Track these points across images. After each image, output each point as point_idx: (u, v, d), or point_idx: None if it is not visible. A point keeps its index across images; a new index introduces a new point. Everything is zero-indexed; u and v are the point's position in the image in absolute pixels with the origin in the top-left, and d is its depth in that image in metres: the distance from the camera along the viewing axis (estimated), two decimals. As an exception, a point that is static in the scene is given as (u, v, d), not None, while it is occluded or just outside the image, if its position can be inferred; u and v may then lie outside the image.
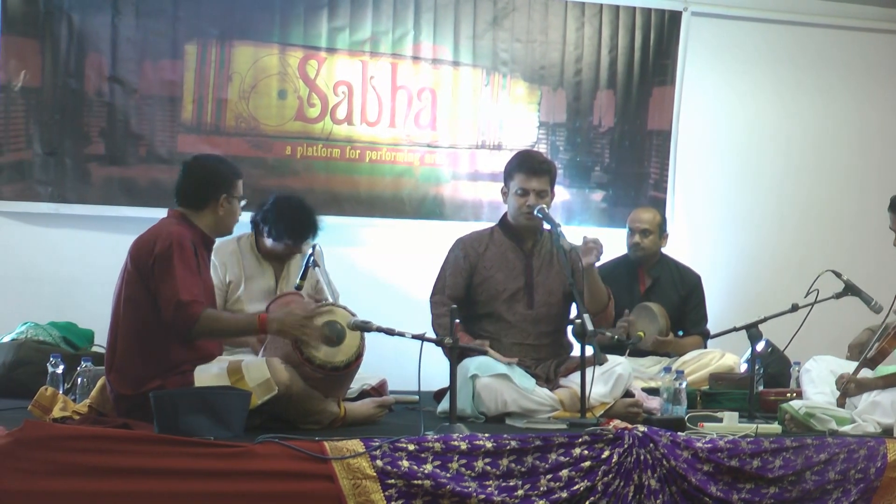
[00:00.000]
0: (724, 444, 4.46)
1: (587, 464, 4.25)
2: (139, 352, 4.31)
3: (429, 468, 4.05)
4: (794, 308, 5.23)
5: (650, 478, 4.31)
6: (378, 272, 6.54)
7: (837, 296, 5.34)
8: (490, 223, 5.49)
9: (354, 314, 4.55)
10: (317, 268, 4.93)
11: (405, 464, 4.02)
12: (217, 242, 4.69)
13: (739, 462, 4.44)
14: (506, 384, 4.84)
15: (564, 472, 4.22)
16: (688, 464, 4.37)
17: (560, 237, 4.96)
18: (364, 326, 4.40)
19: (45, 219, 6.07)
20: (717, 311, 6.54)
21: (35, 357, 5.29)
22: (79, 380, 4.81)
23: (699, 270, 6.35)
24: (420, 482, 4.01)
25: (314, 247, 4.97)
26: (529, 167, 5.16)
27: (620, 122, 6.93)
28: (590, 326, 4.66)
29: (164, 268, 4.25)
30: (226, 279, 5.37)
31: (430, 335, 4.62)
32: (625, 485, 4.29)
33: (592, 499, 4.22)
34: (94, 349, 5.56)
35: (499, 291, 5.17)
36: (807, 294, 5.18)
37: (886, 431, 4.81)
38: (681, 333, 6.12)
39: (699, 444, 4.42)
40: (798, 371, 5.50)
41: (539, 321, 5.19)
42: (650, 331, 5.84)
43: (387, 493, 3.99)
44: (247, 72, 6.29)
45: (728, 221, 7.21)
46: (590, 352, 4.76)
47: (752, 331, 5.19)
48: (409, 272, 6.40)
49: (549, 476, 4.20)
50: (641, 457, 4.32)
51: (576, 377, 4.80)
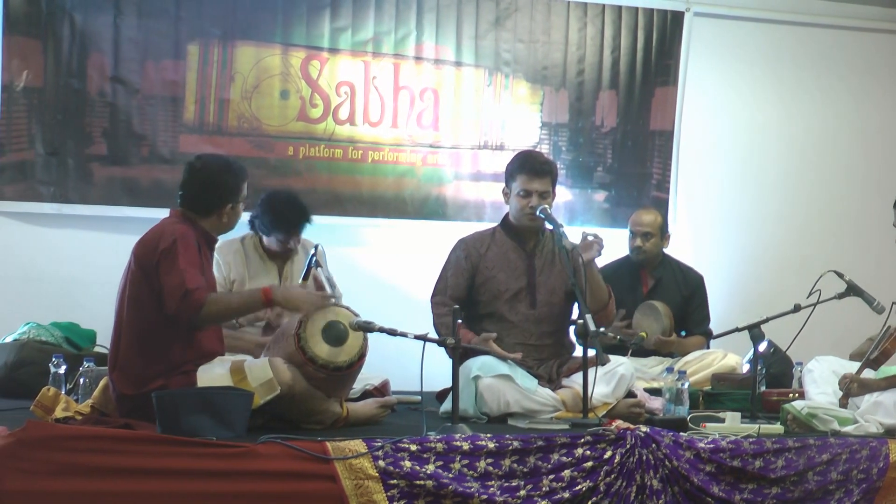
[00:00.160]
0: (727, 445, 4.45)
1: (589, 464, 4.25)
2: (142, 352, 4.31)
3: (431, 468, 4.05)
4: (797, 308, 5.23)
5: (652, 478, 4.31)
6: (380, 272, 6.54)
7: (840, 296, 5.34)
8: (492, 223, 5.48)
9: (357, 314, 4.55)
10: (319, 268, 4.93)
11: (407, 464, 4.02)
12: (221, 241, 4.69)
13: (742, 462, 4.44)
14: (508, 385, 4.84)
15: (567, 473, 4.22)
16: (690, 464, 4.37)
17: (562, 237, 4.96)
18: (366, 327, 4.40)
19: (47, 219, 6.07)
20: (720, 312, 6.54)
21: (37, 357, 5.29)
22: (81, 380, 4.81)
23: (701, 270, 6.35)
24: (422, 482, 4.01)
25: (316, 247, 4.97)
26: (531, 168, 5.15)
27: (623, 123, 6.93)
28: (592, 327, 4.66)
29: (169, 262, 4.25)
30: (230, 277, 5.37)
31: (433, 335, 4.62)
32: (627, 485, 4.28)
33: (595, 499, 4.22)
34: (97, 349, 5.55)
35: (501, 292, 5.17)
36: (809, 294, 5.18)
37: (889, 432, 4.81)
38: (683, 334, 6.11)
39: (701, 445, 4.42)
40: (800, 371, 5.49)
41: (541, 321, 5.18)
42: (654, 330, 5.84)
43: (389, 494, 3.99)
44: (249, 72, 6.29)
45: (730, 221, 7.21)
46: (592, 352, 4.76)
47: (755, 331, 5.19)
48: (412, 272, 6.40)
49: (552, 476, 4.20)
50: (644, 457, 4.32)
51: (578, 377, 4.80)
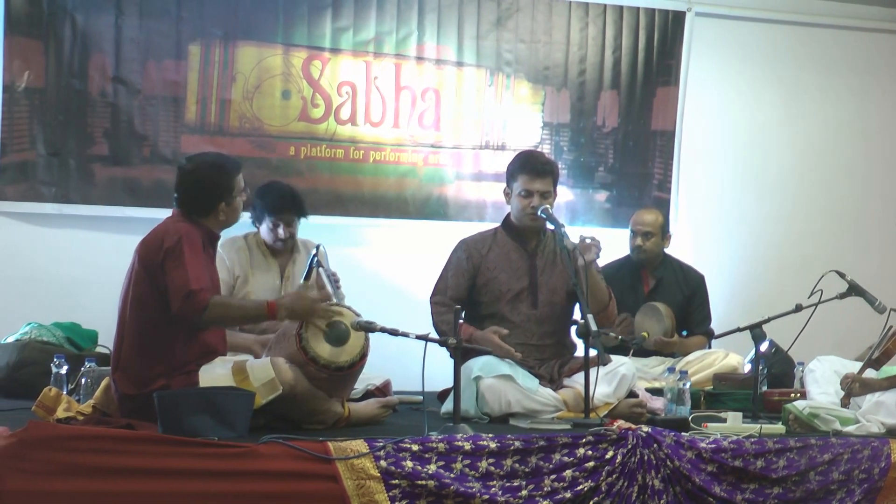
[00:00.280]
0: (728, 445, 4.46)
1: (591, 464, 4.25)
2: (144, 352, 4.32)
3: (432, 468, 4.05)
4: (798, 308, 5.23)
5: (654, 478, 4.31)
6: (382, 272, 6.54)
7: (841, 296, 5.34)
8: (494, 223, 5.48)
9: (359, 314, 4.56)
10: (321, 268, 4.94)
11: (409, 464, 4.02)
12: (225, 238, 4.69)
13: (743, 462, 4.44)
14: (509, 385, 4.84)
15: (568, 473, 4.22)
16: (691, 464, 4.37)
17: (564, 237, 4.96)
18: (368, 327, 4.41)
19: (49, 219, 6.07)
20: (721, 312, 6.53)
21: (39, 357, 5.29)
22: (83, 380, 4.80)
23: (703, 270, 6.34)
24: (424, 482, 4.01)
25: (318, 247, 4.97)
26: (532, 168, 5.15)
27: (624, 123, 6.92)
28: (594, 327, 4.66)
29: (175, 260, 4.25)
30: (234, 273, 5.37)
31: (434, 336, 4.62)
32: (628, 485, 4.29)
33: (596, 499, 4.23)
34: (98, 350, 5.55)
35: (503, 292, 5.16)
36: (810, 294, 5.17)
37: (890, 432, 4.81)
38: (685, 333, 6.11)
39: (703, 445, 4.42)
40: (802, 371, 5.50)
41: (543, 321, 5.18)
42: (655, 331, 5.83)
43: (390, 494, 3.99)
44: (250, 72, 6.29)
45: (732, 221, 7.20)
46: (593, 352, 4.76)
47: (756, 331, 5.19)
48: (413, 272, 6.39)
49: (553, 476, 4.20)
50: (645, 457, 4.32)
51: (579, 377, 4.80)
